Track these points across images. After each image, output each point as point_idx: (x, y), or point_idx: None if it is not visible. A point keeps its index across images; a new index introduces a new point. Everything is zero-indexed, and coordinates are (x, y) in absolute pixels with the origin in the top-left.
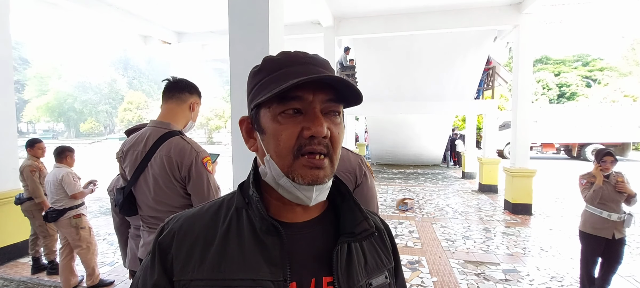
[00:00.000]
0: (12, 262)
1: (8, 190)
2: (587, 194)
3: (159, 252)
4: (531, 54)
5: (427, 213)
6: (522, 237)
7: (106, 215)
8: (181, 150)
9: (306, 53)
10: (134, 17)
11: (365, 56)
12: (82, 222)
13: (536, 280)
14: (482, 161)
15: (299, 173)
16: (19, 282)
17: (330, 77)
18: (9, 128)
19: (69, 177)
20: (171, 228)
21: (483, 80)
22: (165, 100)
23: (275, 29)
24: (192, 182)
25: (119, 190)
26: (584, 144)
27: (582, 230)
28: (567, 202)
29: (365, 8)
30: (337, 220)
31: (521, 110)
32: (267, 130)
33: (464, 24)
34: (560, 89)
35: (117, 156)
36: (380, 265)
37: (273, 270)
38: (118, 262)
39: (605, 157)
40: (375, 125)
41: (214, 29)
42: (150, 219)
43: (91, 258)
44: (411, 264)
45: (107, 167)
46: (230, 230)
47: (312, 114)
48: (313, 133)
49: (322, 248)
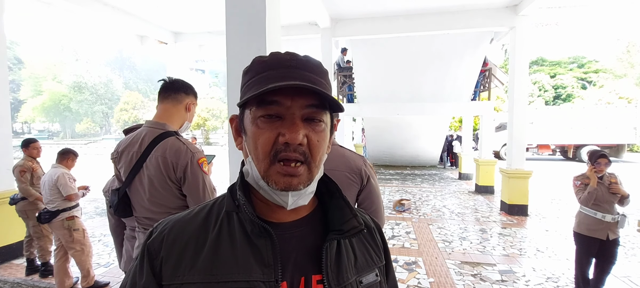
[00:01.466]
0: (6, 263)
1: (2, 191)
2: (581, 196)
3: (148, 255)
4: (527, 56)
5: (423, 214)
6: (518, 238)
7: (101, 216)
8: (177, 151)
9: (295, 55)
10: (130, 16)
11: (362, 57)
12: (74, 224)
13: (532, 280)
14: (479, 162)
15: (274, 179)
16: (13, 283)
17: (303, 85)
18: (3, 128)
19: (64, 177)
20: (160, 232)
21: (479, 81)
22: (161, 101)
23: (272, 30)
24: (188, 183)
25: (114, 191)
26: (579, 146)
27: (576, 231)
28: (563, 203)
29: (362, 9)
30: (326, 219)
31: (517, 112)
32: (248, 132)
33: (461, 26)
34: (556, 90)
35: (112, 157)
36: (371, 263)
37: (265, 270)
38: (113, 263)
39: (599, 159)
40: (372, 126)
41: (211, 29)
42: (145, 220)
43: (85, 260)
44: (408, 265)
45: (103, 167)
46: (222, 234)
47: (289, 120)
48: (287, 140)
49: (311, 246)
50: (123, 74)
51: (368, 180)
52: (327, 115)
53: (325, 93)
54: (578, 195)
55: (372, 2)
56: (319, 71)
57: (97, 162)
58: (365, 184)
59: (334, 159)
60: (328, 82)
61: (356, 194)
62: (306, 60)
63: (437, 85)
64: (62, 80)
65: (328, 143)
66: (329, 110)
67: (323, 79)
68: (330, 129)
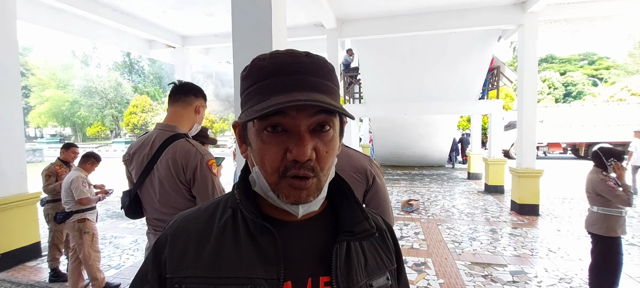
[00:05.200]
0: (20, 266)
1: (15, 194)
2: (621, 195)
3: (155, 249)
4: (536, 53)
5: (432, 215)
6: (530, 238)
7: (112, 219)
8: (186, 153)
9: (298, 57)
10: (138, 21)
11: (368, 57)
12: (85, 226)
13: (544, 281)
14: (488, 162)
15: (284, 192)
16: (26, 285)
17: (310, 103)
18: (15, 133)
19: (79, 181)
20: (169, 227)
21: (488, 80)
22: (171, 104)
23: (278, 32)
24: (197, 184)
25: (125, 192)
26: (591, 144)
27: (611, 235)
28: (575, 202)
29: (368, 10)
30: (336, 219)
31: (527, 110)
32: (253, 145)
33: (468, 24)
34: (566, 88)
35: (123, 159)
36: (382, 266)
37: (268, 268)
38: (124, 265)
39: (617, 155)
40: (379, 126)
41: (218, 32)
42: (155, 222)
43: (92, 266)
44: (417, 266)
45: (114, 170)
46: (226, 230)
47: (296, 134)
48: (295, 157)
49: (320, 247)
50: (132, 78)
51: (374, 180)
52: (335, 119)
53: (335, 107)
54: (617, 196)
55: (378, 1)
56: (324, 72)
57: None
58: (371, 184)
59: (339, 159)
60: (335, 81)
61: (363, 194)
62: (310, 63)
63: (444, 84)
64: (72, 85)
65: (338, 147)
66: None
67: (330, 81)
68: (340, 130)
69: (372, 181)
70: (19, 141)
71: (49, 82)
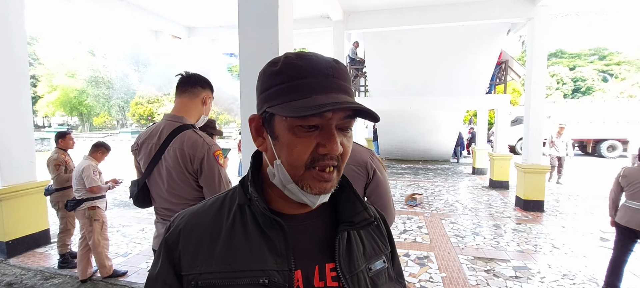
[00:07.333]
0: (30, 252)
1: (25, 182)
2: None
3: (166, 248)
4: (545, 48)
5: (436, 209)
6: (534, 234)
7: (120, 207)
8: (194, 143)
9: (330, 62)
10: (145, 12)
11: (374, 50)
12: (95, 214)
13: (547, 277)
14: (493, 157)
15: (309, 183)
16: (36, 271)
17: (355, 107)
18: (25, 122)
19: (90, 169)
20: (177, 225)
21: (495, 74)
22: (178, 95)
23: (284, 24)
24: (204, 174)
25: (134, 182)
26: (599, 140)
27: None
28: (580, 199)
29: (375, 1)
30: (335, 210)
31: (534, 105)
32: (281, 138)
33: (476, 17)
34: (576, 83)
35: (132, 149)
36: (378, 251)
37: (278, 260)
38: (131, 253)
39: None
40: (384, 120)
41: (224, 23)
42: (164, 211)
43: (101, 253)
44: (420, 260)
45: (121, 160)
46: (235, 225)
47: (328, 131)
48: (328, 151)
49: (323, 237)
50: (138, 68)
51: (374, 174)
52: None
53: (368, 111)
54: None
55: None
56: (348, 77)
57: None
58: (372, 177)
59: None
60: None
61: (363, 188)
62: (340, 69)
63: (451, 78)
64: (79, 75)
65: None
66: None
67: (351, 85)
68: None
69: (373, 174)
70: (28, 130)
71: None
